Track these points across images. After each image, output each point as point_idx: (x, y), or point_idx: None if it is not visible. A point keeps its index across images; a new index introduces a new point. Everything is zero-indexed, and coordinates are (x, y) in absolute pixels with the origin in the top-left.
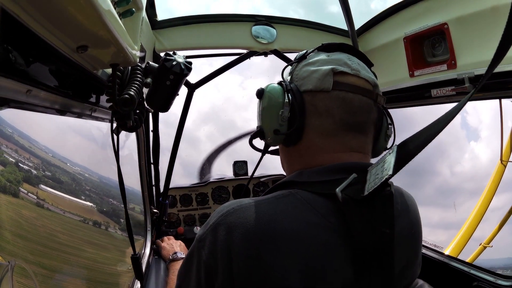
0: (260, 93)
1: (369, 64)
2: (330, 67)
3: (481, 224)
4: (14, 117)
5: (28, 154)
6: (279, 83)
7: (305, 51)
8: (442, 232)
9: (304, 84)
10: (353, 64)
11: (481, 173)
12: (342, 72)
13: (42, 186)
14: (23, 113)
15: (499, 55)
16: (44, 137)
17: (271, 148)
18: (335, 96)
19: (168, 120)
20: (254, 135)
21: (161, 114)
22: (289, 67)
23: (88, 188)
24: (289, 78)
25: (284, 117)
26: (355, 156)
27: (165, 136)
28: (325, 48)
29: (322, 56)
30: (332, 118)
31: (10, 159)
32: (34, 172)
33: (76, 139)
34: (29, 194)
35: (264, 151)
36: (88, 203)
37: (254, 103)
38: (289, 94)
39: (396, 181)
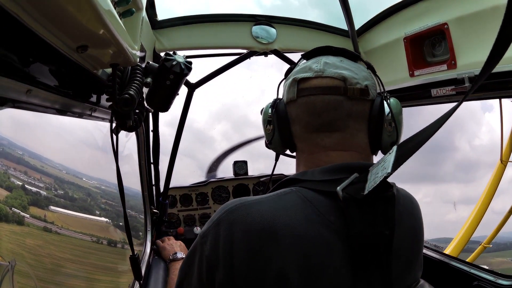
0: (261, 111)
1: (355, 58)
2: (293, 77)
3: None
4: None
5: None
6: (273, 100)
7: (289, 66)
8: (464, 208)
9: (284, 97)
10: (318, 66)
11: (499, 145)
12: (303, 78)
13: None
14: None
15: (492, 58)
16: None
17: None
18: (300, 103)
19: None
20: (266, 145)
21: (167, 115)
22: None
23: (104, 200)
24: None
25: (268, 129)
26: (333, 154)
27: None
28: (306, 56)
29: (297, 67)
30: (300, 123)
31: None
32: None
33: (80, 145)
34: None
35: (276, 158)
36: (102, 218)
37: (265, 96)
38: (273, 109)
39: (417, 159)
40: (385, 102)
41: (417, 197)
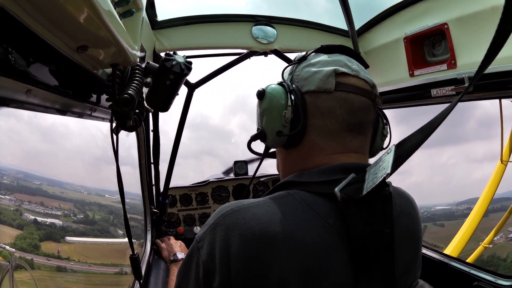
0: (261, 94)
1: (365, 66)
2: (332, 68)
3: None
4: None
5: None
6: (280, 84)
7: (304, 52)
8: (487, 165)
9: (306, 85)
10: (353, 65)
11: None
12: (343, 73)
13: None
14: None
15: (489, 57)
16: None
17: (271, 150)
18: (337, 96)
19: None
20: (254, 136)
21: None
22: (289, 68)
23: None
24: (288, 78)
25: (288, 118)
26: (353, 156)
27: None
28: (325, 49)
29: (323, 57)
30: (335, 118)
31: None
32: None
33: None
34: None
35: (264, 155)
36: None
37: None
38: (292, 95)
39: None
40: (380, 112)
41: (441, 161)
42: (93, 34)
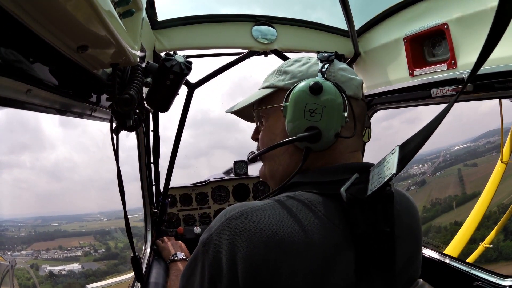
0: (319, 89)
1: None
2: (360, 78)
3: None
4: None
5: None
6: (332, 83)
7: (330, 53)
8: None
9: (345, 88)
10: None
11: None
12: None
13: None
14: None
15: (484, 55)
16: None
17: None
18: (362, 104)
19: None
20: (305, 137)
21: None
22: (315, 65)
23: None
24: (316, 75)
25: (346, 120)
26: (357, 155)
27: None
28: (336, 57)
29: (344, 64)
30: (361, 122)
31: None
32: None
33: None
34: None
35: (306, 155)
36: None
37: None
38: (344, 95)
39: None
40: None
41: None
42: (93, 34)
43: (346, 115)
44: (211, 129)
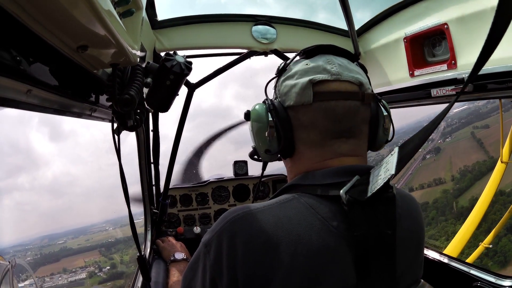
0: (247, 116)
1: (354, 58)
2: (308, 78)
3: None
4: None
5: None
6: (264, 101)
7: (283, 62)
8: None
9: (286, 100)
10: (333, 67)
11: None
12: (321, 81)
13: None
14: None
15: (484, 56)
16: None
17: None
18: (317, 107)
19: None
20: (250, 154)
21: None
22: (274, 81)
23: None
24: (274, 93)
25: (272, 137)
26: (346, 160)
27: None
28: (305, 53)
29: (301, 65)
30: (317, 129)
31: None
32: None
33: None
34: None
35: (263, 167)
36: None
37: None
38: (272, 113)
39: None
40: (380, 104)
41: None
42: (93, 34)
43: (268, 133)
44: (206, 119)
